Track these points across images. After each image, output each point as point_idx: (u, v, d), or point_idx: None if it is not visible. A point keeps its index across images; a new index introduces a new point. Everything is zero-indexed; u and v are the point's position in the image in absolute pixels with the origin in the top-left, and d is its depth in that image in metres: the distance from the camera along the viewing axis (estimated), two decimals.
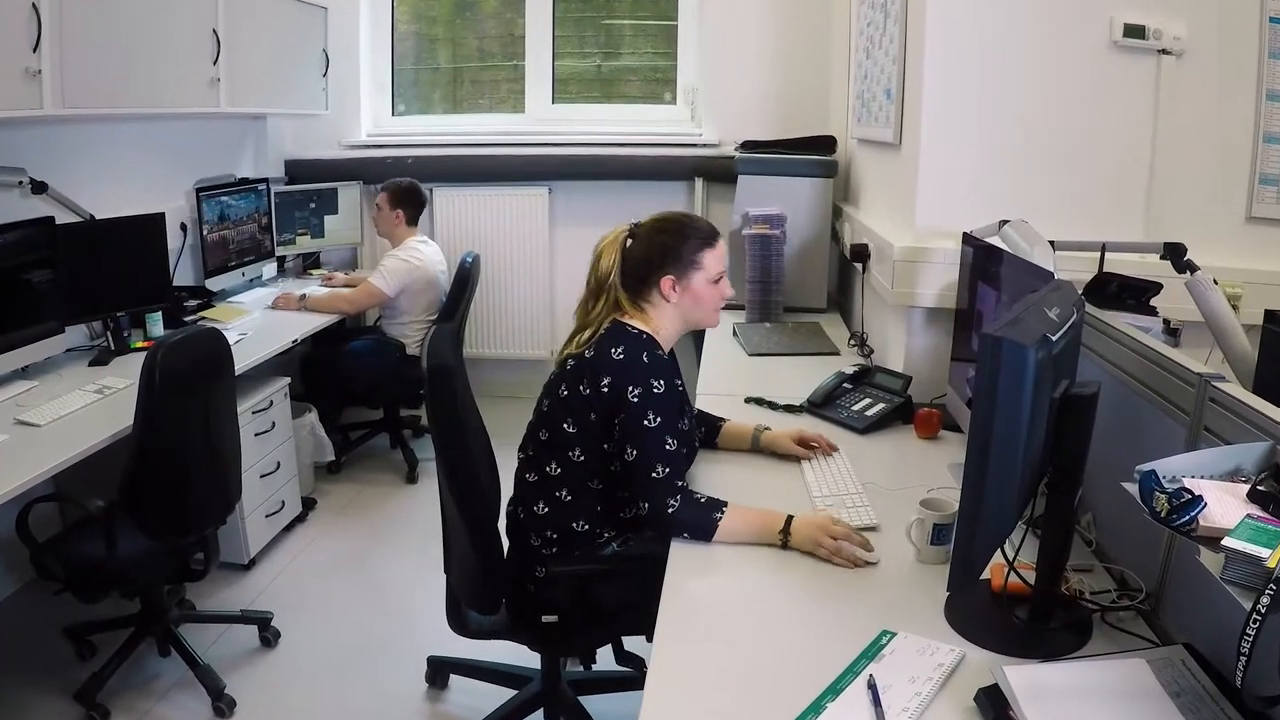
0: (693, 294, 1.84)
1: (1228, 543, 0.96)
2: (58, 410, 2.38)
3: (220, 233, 3.65)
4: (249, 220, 3.83)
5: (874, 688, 1.20)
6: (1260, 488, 1.06)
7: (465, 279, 3.66)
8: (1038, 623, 1.35)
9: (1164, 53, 2.22)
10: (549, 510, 1.85)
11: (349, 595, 2.91)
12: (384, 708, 2.38)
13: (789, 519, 1.63)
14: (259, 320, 3.44)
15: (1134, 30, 2.21)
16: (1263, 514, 1.01)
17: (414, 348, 3.66)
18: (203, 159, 3.76)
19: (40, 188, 2.81)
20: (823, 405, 2.29)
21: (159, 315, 3.08)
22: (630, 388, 1.74)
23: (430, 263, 3.72)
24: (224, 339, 2.38)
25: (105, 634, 2.49)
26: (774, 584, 1.52)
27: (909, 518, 1.59)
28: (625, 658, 2.10)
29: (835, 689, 1.21)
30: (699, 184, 4.20)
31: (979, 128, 2.32)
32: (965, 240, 2.15)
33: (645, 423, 1.73)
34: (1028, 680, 1.16)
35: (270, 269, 4.05)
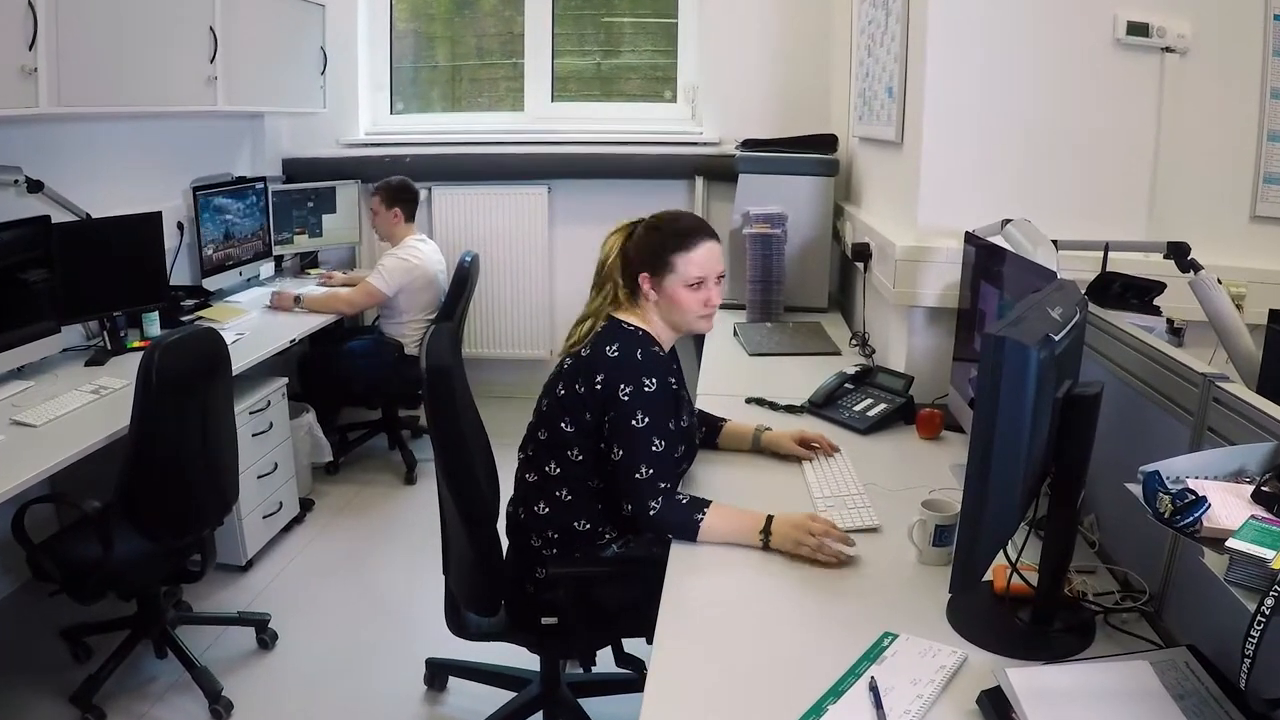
0: (668, 297, 1.81)
1: (1232, 544, 0.96)
2: (54, 410, 2.37)
3: (217, 232, 3.63)
4: (246, 219, 3.81)
5: (875, 690, 1.20)
6: (1265, 488, 1.05)
7: (464, 278, 3.65)
8: (1040, 624, 1.34)
9: (1168, 51, 2.21)
10: (549, 510, 1.84)
11: (347, 597, 2.90)
12: (382, 710, 2.37)
13: (769, 519, 1.61)
14: (256, 320, 3.43)
15: (1137, 28, 2.20)
16: (1267, 515, 1.01)
17: (412, 347, 3.65)
18: (200, 158, 3.75)
19: (36, 186, 2.80)
20: (824, 405, 2.28)
21: (155, 315, 3.07)
22: (622, 385, 1.73)
23: (429, 262, 3.70)
24: (221, 339, 2.38)
25: (101, 636, 2.48)
26: (775, 585, 1.52)
27: (911, 519, 1.58)
28: (625, 660, 2.09)
29: (836, 691, 1.21)
30: (699, 183, 4.19)
31: (981, 126, 2.32)
32: (967, 239, 2.15)
33: (633, 422, 1.72)
34: (1030, 682, 1.15)
35: (268, 268, 4.04)
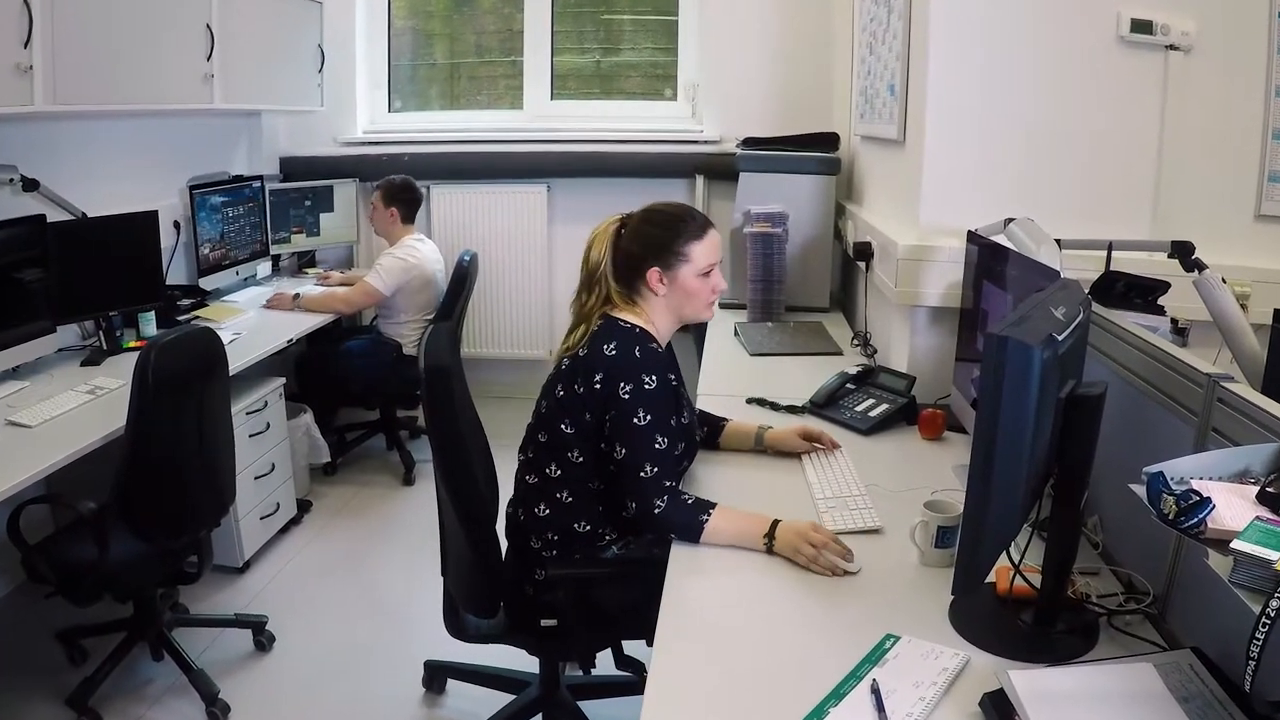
0: (681, 287, 1.81)
1: (1236, 545, 0.96)
2: (49, 411, 2.37)
3: (214, 231, 3.62)
4: (243, 218, 3.79)
5: (877, 692, 1.19)
6: (1269, 489, 1.05)
7: (463, 277, 3.64)
8: (1043, 626, 1.34)
9: (1172, 48, 2.20)
10: (549, 512, 1.83)
11: (345, 599, 2.89)
12: (380, 712, 2.36)
13: (775, 523, 1.60)
14: (253, 320, 3.42)
15: (1141, 25, 2.19)
16: (1272, 516, 1.01)
17: (410, 347, 3.63)
18: (196, 156, 3.74)
19: (31, 185, 2.79)
20: (825, 406, 2.27)
21: (152, 314, 3.06)
22: (622, 384, 1.71)
23: (427, 261, 3.69)
24: (218, 339, 2.37)
25: (97, 638, 2.47)
26: (776, 587, 1.51)
27: (913, 520, 1.58)
28: (625, 662, 2.08)
29: (838, 693, 1.20)
30: (700, 181, 4.18)
31: (984, 124, 2.31)
32: (970, 238, 2.14)
33: (635, 420, 1.71)
34: (1033, 685, 1.15)
35: (265, 268, 4.03)
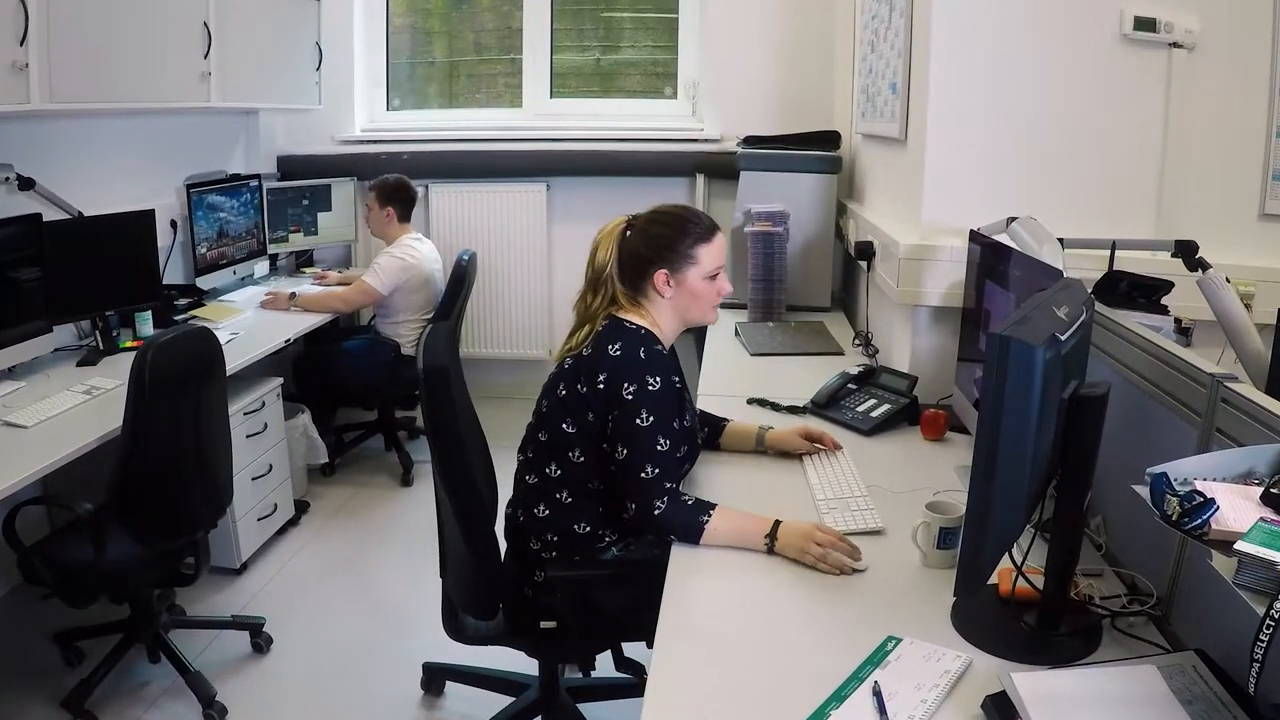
0: (688, 290, 1.80)
1: (1240, 547, 0.95)
2: (45, 411, 2.36)
3: (211, 230, 3.60)
4: (240, 217, 3.78)
5: (879, 695, 1.19)
6: (1274, 490, 1.04)
7: (461, 277, 3.63)
8: (1046, 628, 1.33)
9: (1175, 46, 2.20)
10: (549, 512, 1.82)
11: (343, 600, 2.88)
12: (379, 715, 2.35)
13: (776, 524, 1.59)
14: (251, 319, 3.40)
15: (1145, 23, 2.19)
16: (1276, 517, 1.00)
17: (409, 347, 3.62)
18: (193, 155, 3.73)
19: (27, 184, 2.78)
20: (827, 406, 2.27)
21: (148, 314, 3.05)
22: (625, 384, 1.71)
23: (425, 260, 3.67)
24: (215, 338, 2.36)
25: (94, 640, 2.46)
26: (777, 588, 1.50)
27: (915, 521, 1.57)
28: (625, 664, 2.07)
29: (840, 696, 1.20)
30: (700, 180, 4.17)
31: (986, 123, 2.30)
32: (972, 238, 2.14)
33: (638, 421, 1.70)
34: (1036, 687, 1.14)
35: (262, 267, 4.02)
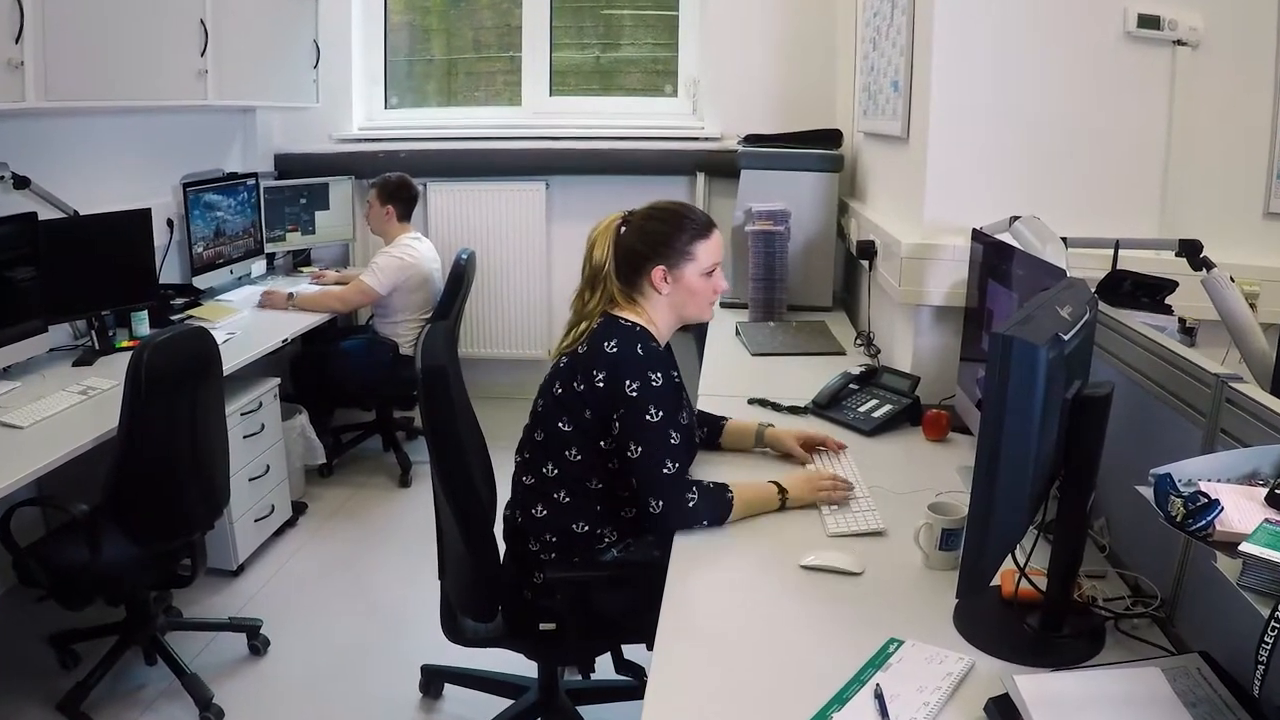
0: (685, 286, 1.80)
1: (1245, 548, 0.95)
2: (40, 412, 2.35)
3: (208, 229, 3.58)
4: (237, 216, 3.76)
5: (881, 697, 1.18)
6: (1279, 491, 1.03)
7: (460, 276, 3.61)
8: (1049, 630, 1.33)
9: (1179, 44, 2.19)
10: (547, 513, 1.81)
11: (340, 602, 2.87)
12: (377, 718, 2.34)
13: (778, 484, 1.72)
14: (247, 319, 3.39)
15: (1148, 21, 2.18)
16: None
17: (407, 347, 3.60)
18: (190, 153, 3.72)
19: (22, 183, 2.78)
20: (828, 406, 2.25)
21: (145, 314, 3.04)
22: (627, 382, 1.69)
23: (424, 260, 3.65)
24: (211, 338, 2.36)
25: (89, 642, 2.45)
26: (778, 589, 1.49)
27: (917, 522, 1.56)
28: (625, 666, 2.06)
29: (841, 698, 1.19)
30: (701, 179, 4.16)
31: (989, 121, 2.29)
32: (975, 237, 2.13)
33: (647, 418, 1.69)
34: (1039, 689, 1.14)
35: (259, 266, 4.00)
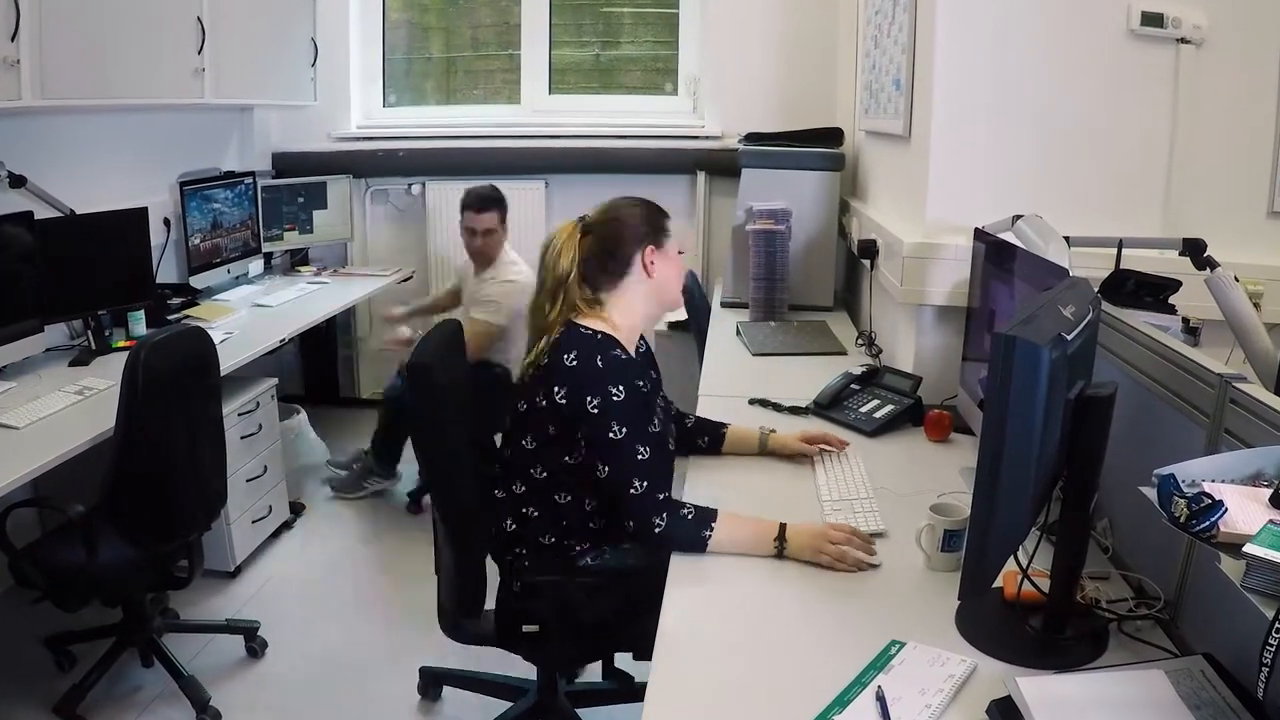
0: (671, 261, 1.81)
1: (1249, 549, 0.95)
2: (37, 412, 2.34)
3: (205, 228, 3.56)
4: (235, 215, 3.74)
5: (882, 700, 1.17)
6: None
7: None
8: (1052, 632, 1.32)
9: (1183, 42, 2.18)
10: (516, 527, 1.79)
11: (339, 604, 2.86)
12: None
13: (782, 527, 1.57)
14: (245, 319, 3.38)
15: (1152, 18, 2.17)
16: None
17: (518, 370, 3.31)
18: (187, 152, 3.70)
19: (18, 181, 2.77)
20: (829, 407, 2.25)
21: (141, 314, 3.02)
22: (588, 398, 1.64)
23: (526, 270, 3.31)
24: (209, 338, 2.34)
25: (86, 644, 2.44)
26: (778, 591, 1.49)
27: (919, 523, 1.55)
28: (613, 674, 2.06)
29: (842, 701, 1.18)
30: (701, 177, 4.14)
31: (991, 119, 2.28)
32: (977, 236, 2.12)
33: (611, 435, 1.64)
34: (1042, 692, 1.13)
35: (257, 265, 3.99)
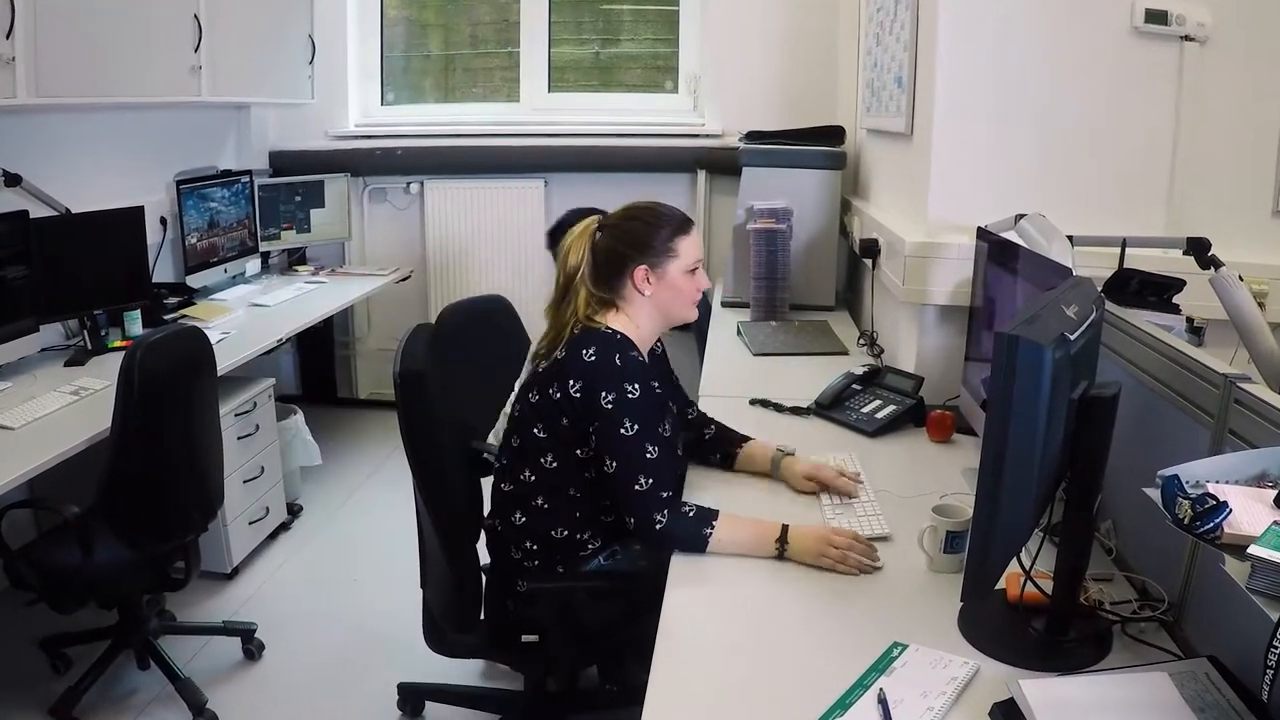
0: (669, 284, 1.76)
1: (1254, 551, 0.94)
2: (32, 412, 2.33)
3: (202, 227, 3.55)
4: (231, 214, 3.73)
5: (884, 702, 1.17)
6: None
7: None
8: (1055, 634, 1.32)
9: (1187, 39, 2.18)
10: (526, 519, 1.78)
11: (336, 606, 2.84)
12: None
13: (784, 529, 1.56)
14: (242, 318, 3.36)
15: (1156, 16, 2.16)
16: None
17: None
18: (183, 150, 3.69)
19: (13, 180, 2.76)
20: (831, 407, 2.24)
21: (138, 313, 3.02)
22: (603, 393, 1.64)
23: None
24: (205, 338, 2.34)
25: (81, 646, 2.43)
26: (779, 593, 1.48)
27: (921, 525, 1.55)
28: (610, 679, 2.04)
29: (844, 703, 1.18)
30: (701, 176, 4.13)
31: (994, 118, 2.27)
32: (980, 235, 2.12)
33: (622, 431, 1.64)
34: (1045, 694, 1.13)
35: (254, 265, 3.97)
